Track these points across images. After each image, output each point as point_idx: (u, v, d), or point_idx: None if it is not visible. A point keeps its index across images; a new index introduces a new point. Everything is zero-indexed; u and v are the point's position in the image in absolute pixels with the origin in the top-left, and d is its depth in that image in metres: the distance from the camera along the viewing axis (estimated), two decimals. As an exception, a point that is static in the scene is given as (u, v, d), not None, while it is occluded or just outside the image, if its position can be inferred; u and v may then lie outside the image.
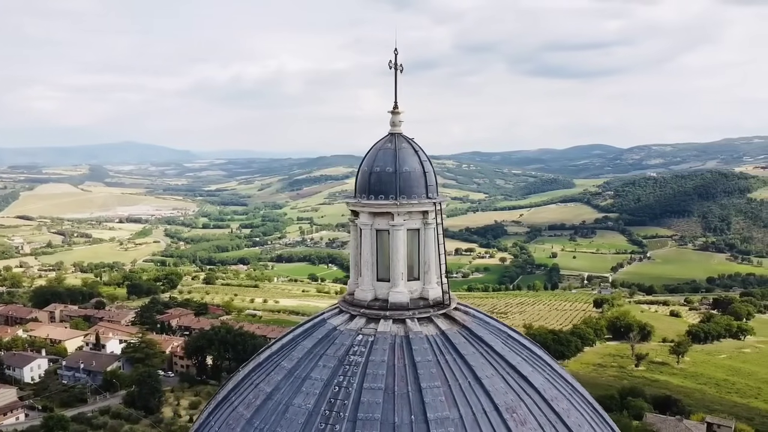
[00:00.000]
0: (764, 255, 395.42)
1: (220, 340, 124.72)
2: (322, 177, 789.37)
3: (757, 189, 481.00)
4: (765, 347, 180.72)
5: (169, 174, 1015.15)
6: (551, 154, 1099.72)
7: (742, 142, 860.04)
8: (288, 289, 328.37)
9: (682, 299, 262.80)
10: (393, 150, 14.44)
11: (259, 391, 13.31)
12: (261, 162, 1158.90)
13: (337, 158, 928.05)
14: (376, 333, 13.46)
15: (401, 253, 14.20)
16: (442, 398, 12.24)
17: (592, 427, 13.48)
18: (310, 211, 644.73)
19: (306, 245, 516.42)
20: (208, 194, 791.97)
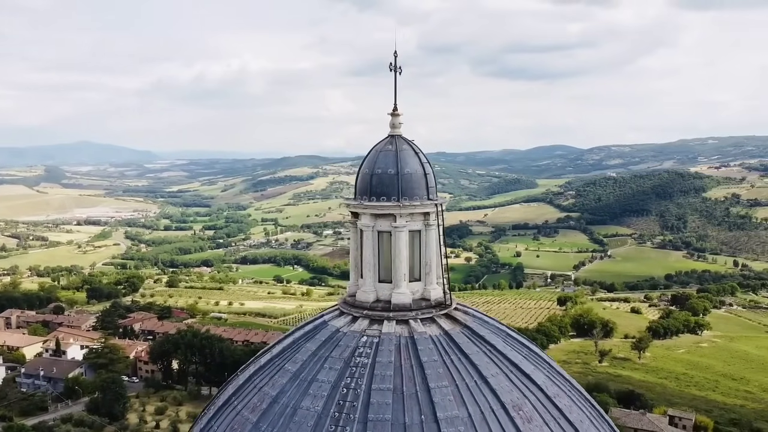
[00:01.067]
0: (718, 252, 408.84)
1: (187, 344, 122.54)
2: (286, 178, 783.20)
3: (711, 188, 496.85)
4: (721, 342, 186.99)
5: (129, 175, 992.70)
6: (514, 155, 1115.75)
7: (697, 143, 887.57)
8: (253, 291, 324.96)
9: (642, 296, 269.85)
10: (394, 152, 14.53)
11: (264, 395, 13.22)
12: (224, 162, 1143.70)
13: (301, 159, 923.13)
14: (381, 334, 13.53)
15: (404, 255, 14.30)
16: (450, 398, 12.39)
17: (592, 423, 13.82)
18: (275, 212, 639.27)
19: (271, 247, 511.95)
20: (169, 195, 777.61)
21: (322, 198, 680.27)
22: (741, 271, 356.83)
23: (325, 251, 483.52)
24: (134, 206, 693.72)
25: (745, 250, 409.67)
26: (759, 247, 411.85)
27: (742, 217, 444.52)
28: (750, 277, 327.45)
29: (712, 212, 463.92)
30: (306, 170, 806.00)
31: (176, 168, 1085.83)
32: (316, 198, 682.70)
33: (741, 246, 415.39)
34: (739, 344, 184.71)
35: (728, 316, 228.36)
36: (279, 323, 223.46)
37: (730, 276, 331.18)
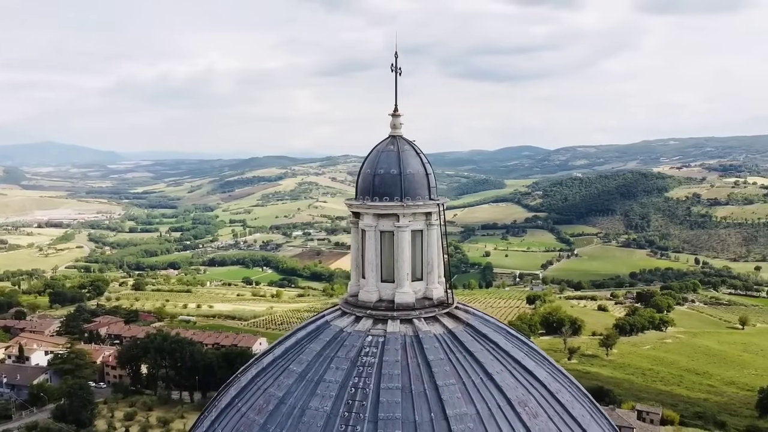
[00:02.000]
0: (680, 250, 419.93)
1: (156, 347, 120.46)
2: (254, 178, 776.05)
3: (673, 188, 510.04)
4: (684, 337, 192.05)
5: (92, 176, 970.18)
6: (482, 155, 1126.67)
7: (659, 143, 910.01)
8: (222, 293, 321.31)
9: (608, 294, 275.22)
10: (396, 152, 14.60)
11: (270, 396, 13.15)
12: (190, 163, 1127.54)
13: (270, 159, 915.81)
14: (386, 333, 13.59)
15: (407, 254, 14.38)
16: (458, 395, 12.53)
17: (593, 418, 14.14)
18: (243, 213, 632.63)
19: (239, 248, 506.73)
20: (134, 197, 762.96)
21: (291, 199, 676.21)
22: (702, 269, 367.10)
23: (294, 252, 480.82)
24: (98, 208, 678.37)
25: (706, 248, 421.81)
26: (719, 245, 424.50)
27: (702, 216, 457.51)
28: (710, 274, 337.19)
29: (674, 211, 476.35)
30: (274, 171, 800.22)
31: (141, 169, 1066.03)
32: (285, 199, 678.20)
33: (702, 244, 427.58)
34: (701, 340, 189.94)
35: (691, 313, 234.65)
36: (249, 325, 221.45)
37: (691, 273, 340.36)
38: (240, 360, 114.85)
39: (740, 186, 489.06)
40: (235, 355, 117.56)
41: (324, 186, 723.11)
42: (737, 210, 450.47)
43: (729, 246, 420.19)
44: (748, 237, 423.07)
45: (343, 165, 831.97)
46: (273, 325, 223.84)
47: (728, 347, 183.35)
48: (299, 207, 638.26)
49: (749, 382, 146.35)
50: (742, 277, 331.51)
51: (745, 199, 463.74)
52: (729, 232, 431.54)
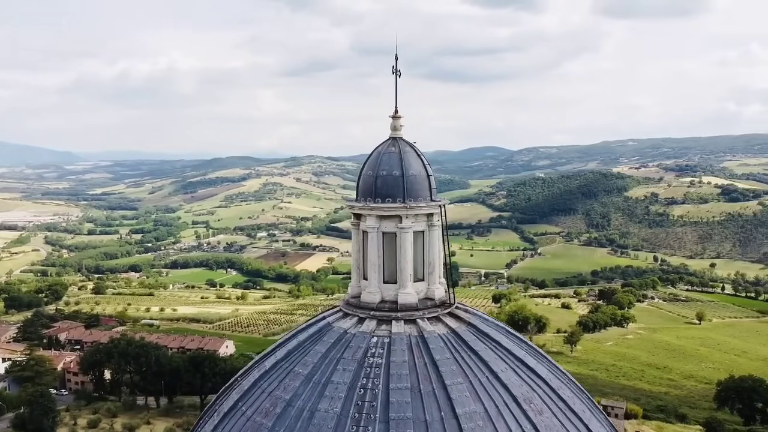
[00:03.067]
0: (640, 249, 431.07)
1: (120, 352, 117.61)
2: (217, 179, 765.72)
3: (632, 188, 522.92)
4: (645, 333, 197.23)
5: (48, 177, 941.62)
6: (447, 156, 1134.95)
7: (618, 144, 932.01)
8: (185, 296, 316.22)
9: (572, 292, 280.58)
10: (398, 153, 14.68)
11: (276, 399, 13.08)
12: (151, 164, 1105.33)
13: (233, 160, 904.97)
14: (391, 334, 13.67)
15: (410, 255, 14.48)
16: (467, 394, 12.68)
17: (592, 413, 14.47)
18: (206, 214, 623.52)
19: (202, 250, 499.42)
20: (93, 198, 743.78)
21: (255, 200, 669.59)
22: (660, 266, 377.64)
23: (259, 254, 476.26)
24: (54, 210, 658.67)
25: (664, 246, 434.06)
26: (676, 243, 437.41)
27: (660, 215, 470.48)
28: (668, 271, 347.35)
29: (634, 210, 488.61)
30: (238, 171, 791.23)
31: (100, 169, 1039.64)
32: (249, 200, 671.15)
33: (660, 242, 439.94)
34: (661, 335, 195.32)
35: (651, 309, 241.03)
36: (215, 328, 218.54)
37: (650, 271, 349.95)
38: (207, 364, 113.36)
39: (696, 186, 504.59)
40: (202, 359, 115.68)
41: (289, 187, 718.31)
42: (693, 209, 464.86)
43: (685, 244, 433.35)
44: (703, 235, 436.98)
45: (308, 165, 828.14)
46: (239, 328, 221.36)
47: (686, 342, 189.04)
48: (263, 208, 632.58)
49: (707, 375, 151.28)
50: (698, 273, 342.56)
51: (700, 198, 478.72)
52: (685, 231, 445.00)
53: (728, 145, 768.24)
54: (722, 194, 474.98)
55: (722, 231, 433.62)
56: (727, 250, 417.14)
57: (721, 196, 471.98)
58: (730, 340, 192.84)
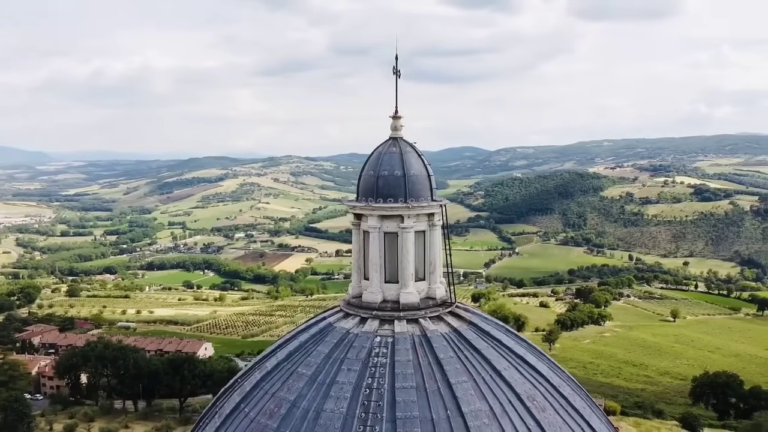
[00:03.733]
0: (615, 248, 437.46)
1: (98, 356, 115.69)
2: (194, 179, 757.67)
3: (607, 188, 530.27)
4: (621, 331, 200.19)
5: (19, 177, 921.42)
6: (426, 156, 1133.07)
7: (594, 145, 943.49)
8: (162, 298, 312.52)
9: (549, 290, 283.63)
10: (399, 154, 14.74)
11: (281, 400, 13.03)
12: (126, 164, 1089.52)
13: (210, 160, 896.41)
14: (395, 334, 13.70)
15: (411, 255, 14.53)
16: (471, 392, 12.77)
17: (592, 410, 14.68)
18: (183, 215, 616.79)
19: (179, 251, 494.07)
20: (66, 199, 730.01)
21: (232, 200, 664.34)
22: (635, 265, 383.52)
23: (237, 255, 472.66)
24: (26, 211, 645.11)
25: (639, 244, 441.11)
26: (650, 241, 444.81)
27: (635, 215, 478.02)
28: (643, 269, 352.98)
29: (609, 210, 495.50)
30: (215, 172, 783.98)
31: (73, 170, 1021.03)
32: (227, 200, 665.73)
33: (635, 241, 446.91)
34: (637, 333, 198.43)
35: (627, 307, 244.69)
36: (193, 330, 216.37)
37: (626, 269, 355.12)
38: (187, 366, 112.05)
39: (669, 185, 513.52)
40: (181, 361, 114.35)
41: (266, 187, 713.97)
42: (667, 208, 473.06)
43: (659, 242, 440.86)
44: (676, 234, 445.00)
45: (285, 166, 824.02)
46: (218, 330, 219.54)
47: (662, 339, 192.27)
48: (241, 208, 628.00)
49: (682, 371, 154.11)
50: (672, 272, 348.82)
51: (673, 197, 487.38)
52: (659, 230, 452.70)
53: (700, 146, 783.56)
54: (695, 194, 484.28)
55: (695, 230, 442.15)
56: (700, 248, 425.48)
57: (694, 196, 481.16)
58: (703, 337, 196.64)
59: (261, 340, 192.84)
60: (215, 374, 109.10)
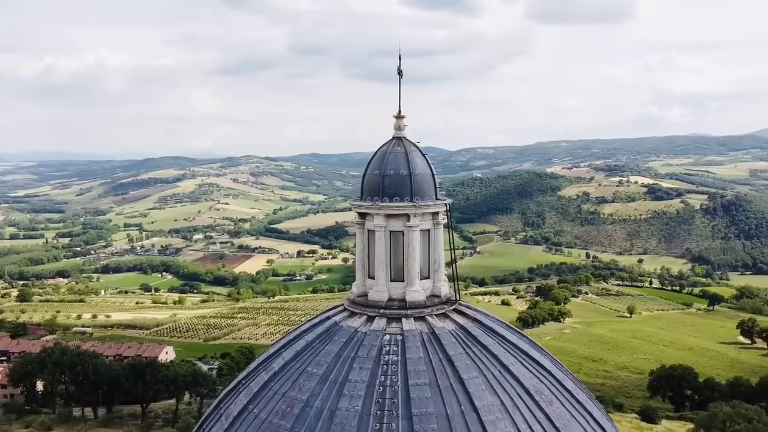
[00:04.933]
0: (573, 246, 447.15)
1: (54, 362, 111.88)
2: (150, 180, 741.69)
3: (565, 187, 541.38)
4: (581, 327, 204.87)
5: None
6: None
7: (551, 145, 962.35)
8: (119, 301, 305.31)
9: (510, 289, 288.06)
10: (404, 153, 14.86)
11: (293, 400, 12.97)
12: (79, 164, 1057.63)
13: (167, 160, 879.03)
14: (404, 332, 13.80)
15: (418, 253, 14.65)
16: (483, 387, 12.98)
17: (593, 403, 15.09)
18: (139, 216, 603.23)
19: (136, 253, 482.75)
20: (15, 201, 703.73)
21: (190, 201, 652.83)
22: (592, 262, 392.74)
23: (196, 256, 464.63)
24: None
25: (595, 243, 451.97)
26: (606, 240, 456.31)
27: (591, 213, 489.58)
28: (600, 267, 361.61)
29: (567, 209, 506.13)
30: (172, 172, 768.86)
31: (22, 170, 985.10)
32: (184, 201, 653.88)
33: (591, 239, 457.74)
34: (595, 329, 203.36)
35: (585, 304, 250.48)
36: (153, 334, 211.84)
37: (583, 267, 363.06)
38: (150, 371, 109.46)
39: (624, 185, 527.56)
40: (143, 366, 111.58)
41: (226, 187, 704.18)
42: (622, 207, 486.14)
43: (615, 241, 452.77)
44: (631, 232, 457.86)
45: (245, 166, 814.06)
46: (178, 333, 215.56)
47: (619, 335, 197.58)
48: (200, 209, 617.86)
49: (639, 365, 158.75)
50: (627, 269, 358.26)
51: (628, 197, 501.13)
52: (615, 228, 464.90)
53: (653, 147, 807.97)
54: (648, 193, 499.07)
55: (648, 228, 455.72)
56: (653, 246, 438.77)
57: (647, 195, 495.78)
58: (658, 332, 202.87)
59: (224, 343, 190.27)
60: (179, 378, 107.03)
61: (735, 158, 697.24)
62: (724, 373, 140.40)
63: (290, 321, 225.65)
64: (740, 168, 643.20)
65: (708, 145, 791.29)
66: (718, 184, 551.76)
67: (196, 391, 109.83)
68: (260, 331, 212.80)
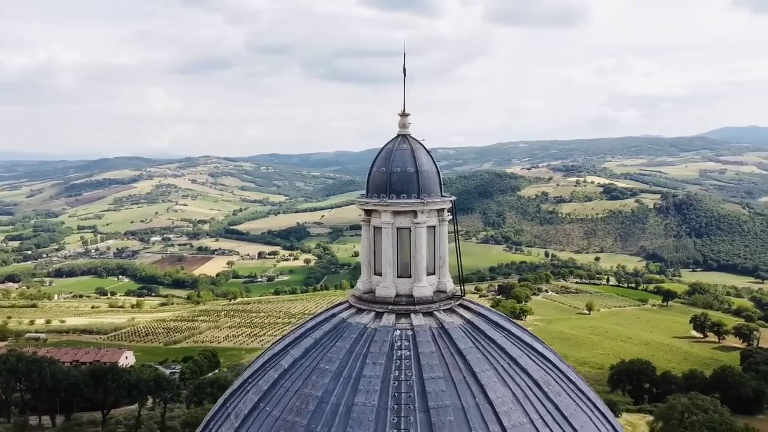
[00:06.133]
0: (532, 245, 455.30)
1: (9, 369, 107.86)
2: (105, 181, 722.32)
3: (524, 187, 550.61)
4: (542, 324, 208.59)
5: None
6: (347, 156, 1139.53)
7: (511, 146, 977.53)
8: (74, 306, 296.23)
9: (473, 287, 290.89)
10: (410, 150, 15.00)
11: (307, 396, 12.96)
12: (28, 165, 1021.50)
13: (122, 160, 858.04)
14: (414, 327, 13.93)
15: (425, 250, 14.81)
16: (495, 380, 13.24)
17: (594, 393, 15.50)
18: (93, 218, 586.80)
19: (90, 257, 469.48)
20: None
21: (147, 202, 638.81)
22: (551, 261, 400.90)
23: (153, 259, 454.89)
24: None
25: (554, 242, 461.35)
26: (564, 239, 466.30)
27: (550, 213, 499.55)
28: (559, 265, 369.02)
29: (526, 209, 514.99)
30: (128, 173, 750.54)
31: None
32: (141, 202, 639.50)
33: (550, 238, 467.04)
34: (556, 326, 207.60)
35: (545, 302, 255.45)
36: (110, 339, 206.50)
37: (542, 265, 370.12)
38: (110, 376, 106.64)
39: (581, 185, 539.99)
40: (103, 372, 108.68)
41: (184, 188, 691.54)
42: (579, 207, 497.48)
43: (573, 239, 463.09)
44: (588, 231, 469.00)
45: (203, 166, 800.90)
46: (137, 337, 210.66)
47: (579, 331, 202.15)
48: (157, 211, 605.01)
49: (599, 361, 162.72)
50: (585, 267, 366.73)
51: (585, 196, 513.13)
52: (573, 227, 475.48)
53: (608, 147, 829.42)
54: (604, 193, 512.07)
55: (605, 227, 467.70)
56: (609, 244, 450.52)
57: (603, 195, 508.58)
58: (616, 328, 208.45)
59: (185, 347, 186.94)
60: (141, 383, 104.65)
61: (686, 159, 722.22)
62: (679, 367, 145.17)
63: (253, 323, 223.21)
64: (690, 168, 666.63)
65: (660, 146, 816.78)
66: (670, 183, 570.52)
67: (160, 395, 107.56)
68: (222, 334, 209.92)
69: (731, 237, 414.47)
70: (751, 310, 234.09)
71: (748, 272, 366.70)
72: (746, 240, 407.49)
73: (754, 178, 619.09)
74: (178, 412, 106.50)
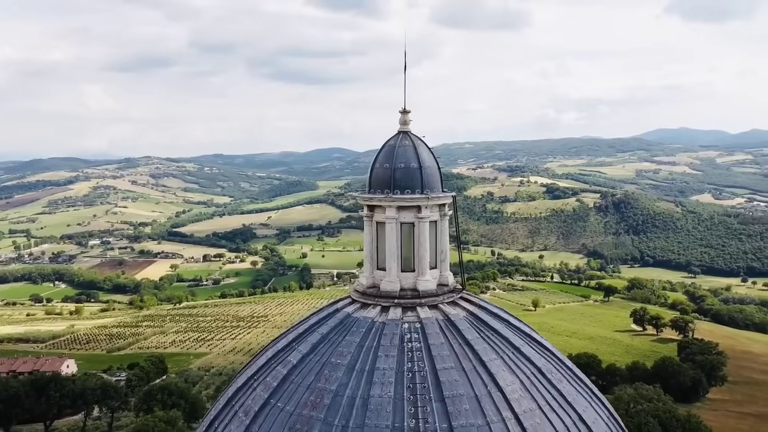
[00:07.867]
0: (479, 244, 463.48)
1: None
2: (38, 182, 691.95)
3: (471, 188, 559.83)
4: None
5: None
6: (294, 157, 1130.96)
7: (457, 147, 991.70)
8: (7, 314, 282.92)
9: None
10: (412, 146, 15.23)
11: (321, 391, 12.99)
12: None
13: (57, 161, 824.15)
14: (421, 319, 14.15)
15: (428, 244, 15.05)
16: (503, 369, 13.62)
17: (588, 380, 16.10)
18: (26, 222, 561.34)
19: (24, 262, 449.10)
20: None
21: (84, 205, 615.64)
22: (498, 259, 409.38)
23: (92, 263, 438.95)
24: None
25: (500, 240, 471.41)
26: (510, 237, 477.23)
27: (495, 212, 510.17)
28: (505, 263, 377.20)
29: (473, 208, 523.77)
30: (63, 174, 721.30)
31: None
32: (78, 205, 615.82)
33: (496, 237, 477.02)
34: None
35: (493, 299, 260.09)
36: (49, 347, 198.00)
37: (489, 264, 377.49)
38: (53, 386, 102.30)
39: (525, 185, 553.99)
40: (46, 381, 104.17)
41: (123, 190, 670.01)
42: (523, 206, 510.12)
43: (518, 238, 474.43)
44: (532, 229, 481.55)
45: (144, 167, 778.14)
46: (78, 345, 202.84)
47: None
48: (95, 213, 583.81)
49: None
50: (530, 264, 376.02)
51: (529, 196, 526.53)
52: (517, 226, 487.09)
53: (550, 148, 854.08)
54: (547, 192, 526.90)
55: (548, 225, 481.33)
56: (553, 242, 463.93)
57: (546, 194, 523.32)
58: (561, 323, 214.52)
59: (130, 353, 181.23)
60: (87, 392, 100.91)
61: (623, 159, 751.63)
62: (622, 359, 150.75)
63: (200, 327, 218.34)
64: (627, 168, 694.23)
65: (599, 147, 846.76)
66: (609, 183, 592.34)
67: (107, 404, 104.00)
68: (168, 339, 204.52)
69: (666, 234, 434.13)
70: (686, 303, 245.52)
71: (682, 267, 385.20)
72: (679, 237, 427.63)
73: (686, 178, 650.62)
74: (125, 421, 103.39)
